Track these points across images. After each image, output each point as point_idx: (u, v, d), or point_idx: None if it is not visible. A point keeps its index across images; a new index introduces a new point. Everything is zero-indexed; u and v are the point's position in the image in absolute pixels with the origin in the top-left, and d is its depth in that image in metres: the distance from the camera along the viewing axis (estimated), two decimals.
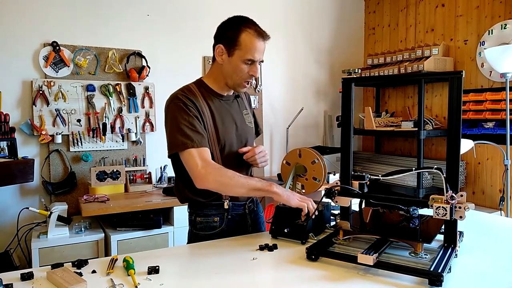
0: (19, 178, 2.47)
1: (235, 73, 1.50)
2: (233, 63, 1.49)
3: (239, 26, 1.47)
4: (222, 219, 1.57)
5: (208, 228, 1.56)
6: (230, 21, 1.51)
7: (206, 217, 1.57)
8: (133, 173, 3.12)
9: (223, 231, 1.57)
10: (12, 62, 2.79)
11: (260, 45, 1.48)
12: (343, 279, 1.11)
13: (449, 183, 1.20)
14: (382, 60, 3.70)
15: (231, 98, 1.64)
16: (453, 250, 1.20)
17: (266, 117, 3.77)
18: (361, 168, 3.69)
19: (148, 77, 3.19)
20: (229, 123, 1.58)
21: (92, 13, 3.02)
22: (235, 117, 1.62)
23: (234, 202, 1.58)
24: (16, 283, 1.08)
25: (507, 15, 3.04)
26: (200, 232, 1.57)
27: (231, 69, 1.50)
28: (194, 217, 1.58)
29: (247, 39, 1.46)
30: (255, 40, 1.47)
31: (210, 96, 1.56)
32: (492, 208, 3.11)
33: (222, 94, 1.59)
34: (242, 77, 1.51)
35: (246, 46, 1.46)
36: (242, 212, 1.62)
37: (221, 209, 1.57)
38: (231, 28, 1.48)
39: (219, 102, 1.58)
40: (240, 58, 1.47)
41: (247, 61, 1.48)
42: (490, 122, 3.07)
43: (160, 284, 1.09)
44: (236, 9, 3.60)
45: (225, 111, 1.58)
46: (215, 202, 1.56)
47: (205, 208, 1.57)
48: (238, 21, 1.49)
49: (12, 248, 2.70)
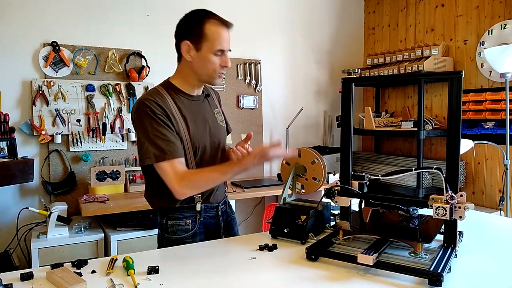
0: (18, 178, 2.47)
1: (207, 67, 1.46)
2: (203, 57, 1.44)
3: (201, 18, 1.43)
4: (195, 221, 1.53)
5: (180, 231, 1.52)
6: (190, 16, 1.47)
7: (178, 220, 1.52)
8: (133, 173, 3.12)
9: (195, 234, 1.53)
10: (11, 62, 2.79)
11: (226, 33, 1.45)
12: (343, 279, 1.11)
13: (449, 183, 1.20)
14: (382, 60, 3.70)
15: (201, 97, 1.59)
16: (452, 250, 1.20)
17: (265, 117, 3.77)
18: (361, 168, 3.69)
19: (147, 77, 3.19)
20: (202, 123, 1.54)
21: (91, 13, 3.02)
22: (207, 117, 1.58)
23: (206, 205, 1.55)
24: (15, 283, 1.08)
25: (507, 15, 3.04)
26: (172, 236, 1.53)
27: (202, 63, 1.46)
28: (165, 220, 1.53)
29: (213, 30, 1.42)
30: (220, 29, 1.43)
31: (180, 97, 1.51)
32: (492, 208, 3.11)
33: (191, 94, 1.55)
34: (215, 70, 1.47)
35: (213, 37, 1.42)
36: (214, 214, 1.59)
37: (193, 212, 1.53)
38: (193, 22, 1.44)
39: (190, 102, 1.53)
40: (210, 50, 1.43)
41: (217, 52, 1.44)
42: (489, 122, 3.07)
43: (159, 284, 1.09)
44: (236, 9, 3.60)
45: (196, 112, 1.54)
46: (186, 204, 1.52)
47: (176, 211, 1.52)
48: (199, 15, 1.45)
49: (12, 248, 2.70)
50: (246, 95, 3.64)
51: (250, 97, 3.65)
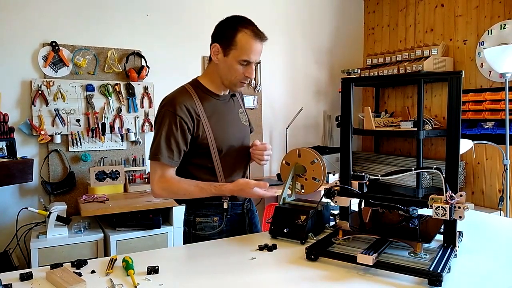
0: (18, 178, 2.47)
1: (230, 73, 1.49)
2: (228, 63, 1.48)
3: (236, 26, 1.46)
4: (222, 218, 1.57)
5: (208, 228, 1.56)
6: (228, 21, 1.50)
7: (206, 217, 1.57)
8: (132, 173, 3.12)
9: (222, 231, 1.57)
10: (11, 62, 2.78)
11: (257, 46, 1.47)
12: (343, 279, 1.11)
13: (449, 183, 1.20)
14: (382, 60, 3.70)
15: (227, 97, 1.63)
16: (452, 250, 1.20)
17: (265, 117, 3.77)
18: (361, 168, 3.69)
19: (147, 77, 3.19)
20: (227, 123, 1.58)
21: (91, 13, 3.02)
22: (232, 117, 1.62)
23: (233, 202, 1.59)
24: (15, 283, 1.08)
25: (507, 15, 3.04)
26: (199, 232, 1.57)
27: (226, 69, 1.49)
28: (193, 217, 1.58)
29: (243, 40, 1.45)
30: (251, 40, 1.45)
31: (207, 96, 1.55)
32: (492, 208, 3.11)
33: (218, 94, 1.58)
34: (237, 78, 1.50)
35: (242, 47, 1.45)
36: (240, 211, 1.63)
37: (221, 209, 1.57)
38: (228, 28, 1.47)
39: (216, 102, 1.57)
40: (236, 59, 1.46)
41: (242, 62, 1.47)
42: (489, 122, 3.07)
43: (159, 284, 1.09)
44: (236, 9, 3.58)
45: (222, 111, 1.58)
46: (214, 202, 1.56)
47: (204, 208, 1.57)
48: (236, 21, 1.48)
49: (11, 248, 2.70)
50: (246, 95, 3.63)
51: (250, 97, 3.65)
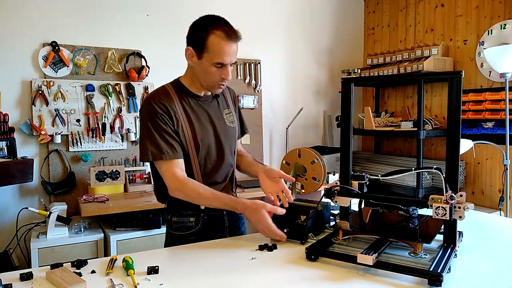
0: (18, 178, 2.47)
1: (206, 76, 1.47)
2: (203, 66, 1.45)
3: (208, 27, 1.41)
4: (198, 219, 1.55)
5: (184, 228, 1.55)
6: (199, 22, 1.45)
7: (182, 217, 1.55)
8: (133, 173, 3.12)
9: (198, 232, 1.55)
10: (11, 62, 2.79)
11: (230, 47, 1.42)
12: (343, 279, 1.11)
13: (449, 183, 1.20)
14: (382, 60, 3.70)
15: (210, 98, 1.60)
16: (452, 250, 1.20)
17: (265, 117, 3.77)
18: (361, 168, 3.69)
19: (147, 77, 3.19)
20: (206, 123, 1.55)
21: (91, 13, 3.02)
22: (213, 118, 1.58)
23: None
24: (15, 283, 1.08)
25: (507, 15, 3.04)
26: (175, 232, 1.56)
27: (202, 72, 1.47)
28: (170, 216, 1.57)
29: (216, 42, 1.40)
30: (223, 43, 1.40)
31: (186, 96, 1.53)
32: (492, 208, 3.11)
33: (199, 94, 1.56)
34: (214, 81, 1.48)
35: (215, 50, 1.40)
36: (219, 213, 1.59)
37: (197, 209, 1.54)
38: (199, 30, 1.43)
39: (195, 102, 1.55)
40: (209, 62, 1.42)
41: (216, 65, 1.43)
42: (489, 122, 3.07)
43: (159, 284, 1.09)
44: (236, 9, 3.60)
45: (202, 112, 1.55)
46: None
47: (181, 207, 1.55)
48: (207, 22, 1.43)
49: (12, 248, 2.70)
50: (246, 95, 3.64)
51: (250, 97, 3.65)
